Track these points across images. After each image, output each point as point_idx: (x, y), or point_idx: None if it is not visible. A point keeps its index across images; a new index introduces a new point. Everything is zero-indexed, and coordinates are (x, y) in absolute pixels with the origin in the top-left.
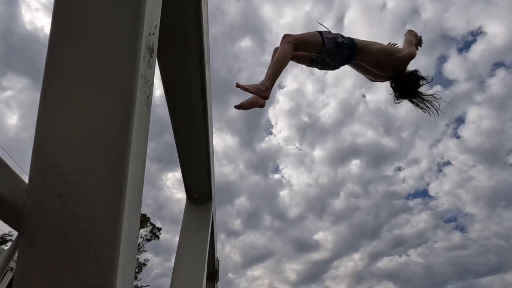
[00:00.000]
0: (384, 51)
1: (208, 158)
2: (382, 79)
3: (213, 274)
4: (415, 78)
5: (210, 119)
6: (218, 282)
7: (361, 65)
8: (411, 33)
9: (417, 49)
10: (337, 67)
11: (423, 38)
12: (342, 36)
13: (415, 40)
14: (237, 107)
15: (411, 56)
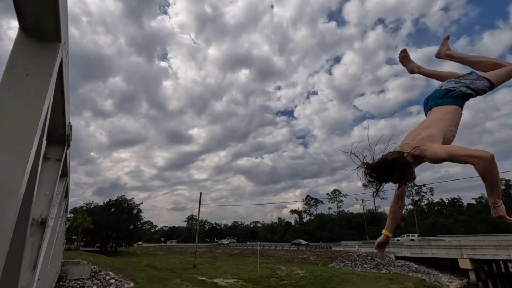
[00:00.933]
0: (447, 126)
1: None
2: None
3: (63, 138)
4: (403, 167)
5: None
6: (69, 148)
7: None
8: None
9: (502, 219)
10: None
11: None
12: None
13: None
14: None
15: (438, 158)
